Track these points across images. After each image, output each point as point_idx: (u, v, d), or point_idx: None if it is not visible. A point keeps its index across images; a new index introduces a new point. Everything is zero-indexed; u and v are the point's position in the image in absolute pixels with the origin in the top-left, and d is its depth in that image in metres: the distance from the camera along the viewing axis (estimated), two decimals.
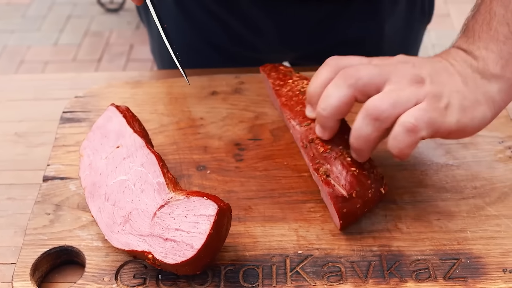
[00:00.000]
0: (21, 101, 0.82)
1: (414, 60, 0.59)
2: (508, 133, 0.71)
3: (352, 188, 0.57)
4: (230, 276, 0.57)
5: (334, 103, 0.57)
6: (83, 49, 2.58)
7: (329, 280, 0.56)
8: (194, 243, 0.51)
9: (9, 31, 2.68)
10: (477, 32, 0.60)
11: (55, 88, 0.84)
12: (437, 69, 0.58)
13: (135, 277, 0.57)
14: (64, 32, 2.68)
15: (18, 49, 2.57)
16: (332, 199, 0.57)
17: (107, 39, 2.63)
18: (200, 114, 0.74)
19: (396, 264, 0.57)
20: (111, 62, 2.50)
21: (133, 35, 2.66)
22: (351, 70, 0.57)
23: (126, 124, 0.62)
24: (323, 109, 0.57)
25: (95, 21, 2.75)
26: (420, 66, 0.58)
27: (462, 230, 0.60)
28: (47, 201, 0.65)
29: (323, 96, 0.57)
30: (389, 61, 0.59)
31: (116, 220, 0.57)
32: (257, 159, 0.68)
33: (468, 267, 0.57)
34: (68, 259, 0.61)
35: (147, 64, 2.49)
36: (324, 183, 0.58)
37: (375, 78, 0.56)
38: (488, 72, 0.58)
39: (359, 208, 0.58)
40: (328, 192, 0.57)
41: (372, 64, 0.59)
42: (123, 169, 0.59)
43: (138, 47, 2.58)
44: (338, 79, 0.57)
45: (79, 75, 0.87)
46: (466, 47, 0.60)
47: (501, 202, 0.63)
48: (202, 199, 0.52)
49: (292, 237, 0.60)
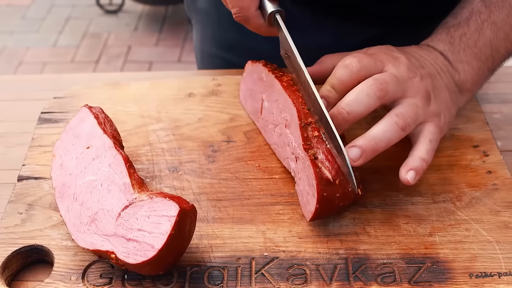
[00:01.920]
0: (2, 101, 0.83)
1: (418, 69, 0.63)
2: (483, 136, 0.71)
3: (337, 174, 0.58)
4: (195, 277, 0.57)
5: (361, 110, 0.59)
6: (81, 50, 2.59)
7: (293, 282, 0.56)
8: (155, 244, 0.51)
9: (8, 32, 2.70)
10: (463, 45, 0.65)
11: (37, 89, 0.84)
12: (435, 83, 0.64)
13: (101, 276, 0.57)
14: (63, 33, 2.69)
15: (17, 51, 2.59)
16: (316, 179, 0.57)
17: (105, 41, 2.64)
18: (176, 116, 0.75)
19: (362, 268, 0.57)
20: (109, 64, 2.51)
21: (131, 36, 2.67)
22: (382, 82, 0.59)
23: (97, 125, 0.63)
24: (348, 112, 0.58)
25: (93, 22, 2.76)
26: (425, 79, 0.63)
27: (431, 234, 0.60)
28: (20, 200, 0.65)
29: (352, 99, 0.59)
30: (400, 66, 0.62)
31: (83, 220, 0.57)
32: (229, 161, 0.69)
33: (434, 272, 0.57)
34: (39, 258, 0.61)
35: (144, 65, 2.50)
36: (311, 163, 0.58)
37: (398, 93, 0.61)
38: (464, 87, 0.66)
39: (337, 198, 0.58)
40: (314, 172, 0.57)
41: (394, 73, 0.61)
42: (91, 169, 0.60)
43: (135, 48, 2.60)
44: (370, 88, 0.59)
45: (60, 76, 0.88)
46: (450, 56, 0.66)
47: (472, 206, 0.63)
48: (165, 200, 0.52)
49: (259, 239, 0.60)
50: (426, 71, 0.64)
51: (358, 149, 0.57)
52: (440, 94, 0.64)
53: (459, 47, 0.66)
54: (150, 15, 2.81)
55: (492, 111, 0.79)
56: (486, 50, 0.66)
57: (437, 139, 0.63)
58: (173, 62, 2.52)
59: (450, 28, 0.67)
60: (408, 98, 0.61)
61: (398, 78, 0.61)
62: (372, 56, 0.63)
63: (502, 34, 0.66)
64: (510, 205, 0.63)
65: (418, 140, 0.63)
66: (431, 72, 0.65)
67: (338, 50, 0.73)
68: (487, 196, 0.64)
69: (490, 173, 0.67)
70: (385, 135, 0.58)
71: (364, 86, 0.59)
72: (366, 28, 0.84)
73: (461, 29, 0.66)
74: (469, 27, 0.66)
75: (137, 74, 0.91)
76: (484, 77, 0.68)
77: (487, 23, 0.65)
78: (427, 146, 0.62)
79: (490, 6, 0.66)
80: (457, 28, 0.66)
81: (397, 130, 0.59)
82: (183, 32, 2.69)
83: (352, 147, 0.57)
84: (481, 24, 0.65)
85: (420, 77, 0.63)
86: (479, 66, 0.66)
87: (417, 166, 0.60)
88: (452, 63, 0.66)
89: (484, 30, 0.65)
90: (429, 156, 0.62)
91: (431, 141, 0.62)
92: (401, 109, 0.60)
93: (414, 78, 0.62)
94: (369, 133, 0.59)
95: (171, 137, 0.72)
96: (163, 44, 2.63)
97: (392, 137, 0.58)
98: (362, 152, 0.57)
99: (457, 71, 0.66)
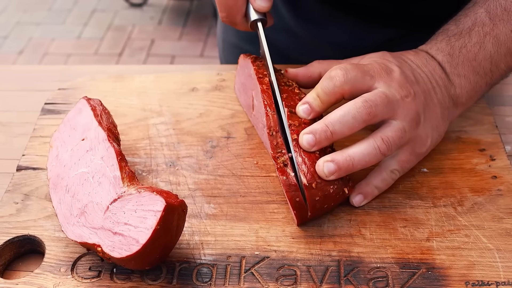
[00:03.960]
0: (9, 91, 0.83)
1: (412, 86, 0.61)
2: (491, 140, 0.69)
3: (313, 178, 0.57)
4: (183, 274, 0.56)
5: (345, 132, 0.58)
6: (105, 43, 2.61)
7: (282, 283, 0.55)
8: (140, 238, 0.50)
9: (35, 24, 2.73)
10: (462, 58, 0.63)
11: (44, 80, 0.85)
12: (427, 102, 0.62)
13: (90, 269, 0.57)
14: (88, 25, 2.72)
15: (42, 41, 2.62)
16: (284, 187, 0.57)
17: (129, 34, 2.66)
18: (177, 110, 0.74)
19: (354, 271, 0.56)
20: (132, 57, 2.52)
21: (155, 30, 2.69)
22: (371, 105, 0.58)
23: (93, 117, 0.62)
24: (332, 132, 0.57)
25: (118, 15, 2.78)
26: (417, 98, 0.61)
27: (428, 239, 0.59)
28: (17, 190, 0.65)
29: (336, 120, 0.57)
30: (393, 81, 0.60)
31: (73, 212, 0.57)
32: (228, 157, 0.68)
33: (428, 278, 0.55)
34: (32, 248, 0.61)
35: (166, 59, 2.50)
36: (279, 170, 0.57)
37: (387, 115, 0.59)
38: (458, 101, 0.64)
39: (318, 201, 0.57)
40: (282, 180, 0.57)
41: (385, 92, 0.59)
42: (85, 161, 0.59)
43: (159, 42, 2.61)
44: (357, 111, 0.57)
45: (68, 67, 0.88)
46: (448, 69, 0.64)
47: (473, 212, 0.61)
48: (152, 194, 0.52)
49: (251, 238, 0.59)
50: (420, 87, 0.61)
51: (334, 166, 0.56)
52: (431, 113, 0.62)
53: (458, 59, 0.63)
54: (174, 9, 2.82)
55: (504, 113, 0.77)
56: (485, 65, 0.63)
57: (403, 169, 0.62)
58: (196, 56, 2.53)
59: (451, 37, 0.64)
60: (397, 121, 0.59)
61: (389, 99, 0.59)
62: (362, 68, 0.60)
63: (504, 49, 0.63)
64: None
65: (381, 165, 0.62)
66: (425, 88, 0.62)
67: (356, 48, 0.72)
68: (490, 201, 0.62)
69: (496, 178, 0.65)
70: (363, 158, 0.57)
71: (352, 107, 0.57)
72: (383, 29, 0.83)
73: (462, 39, 0.64)
74: (470, 38, 0.63)
75: (146, 67, 0.90)
76: (480, 91, 0.65)
77: (489, 37, 0.63)
78: (386, 176, 0.61)
79: (494, 19, 0.63)
80: (458, 38, 0.64)
81: (377, 154, 0.58)
82: (207, 27, 2.69)
83: (329, 162, 0.56)
84: (483, 37, 0.63)
85: (413, 96, 0.60)
86: (477, 80, 0.64)
87: (367, 192, 0.61)
88: (450, 75, 0.64)
89: (485, 43, 0.63)
90: (384, 185, 0.62)
91: (393, 172, 0.61)
92: (388, 132, 0.58)
93: (406, 98, 0.60)
94: (349, 151, 0.58)
95: (171, 132, 0.71)
96: (186, 39, 2.63)
97: (370, 161, 0.58)
98: (337, 169, 0.57)
99: (453, 85, 0.64)
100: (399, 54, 0.65)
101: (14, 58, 2.51)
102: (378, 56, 0.64)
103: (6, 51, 2.56)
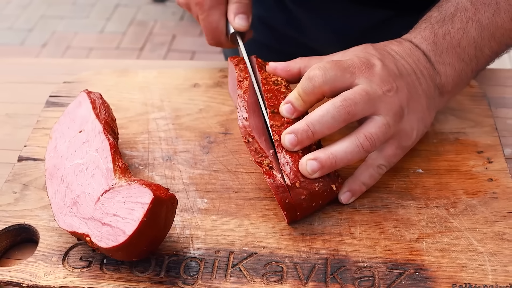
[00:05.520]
0: (17, 83, 0.85)
1: (395, 80, 0.60)
2: (490, 142, 0.68)
3: (296, 177, 0.57)
4: (171, 267, 0.57)
5: (325, 132, 0.58)
6: (127, 37, 2.64)
7: (268, 279, 0.55)
8: (127, 229, 0.51)
9: (59, 17, 2.78)
10: (446, 45, 0.63)
11: (52, 73, 0.86)
12: (411, 94, 0.61)
13: (81, 259, 0.58)
14: (111, 20, 2.75)
15: (65, 35, 2.66)
16: (273, 189, 0.57)
17: (151, 29, 2.68)
18: (178, 105, 0.75)
19: (341, 269, 0.56)
20: (153, 52, 2.55)
21: (177, 25, 2.70)
22: (350, 104, 0.57)
23: (91, 110, 0.64)
24: (313, 132, 0.58)
25: (141, 10, 2.81)
26: (400, 91, 0.60)
27: (418, 240, 0.58)
28: (16, 180, 0.67)
29: (316, 120, 0.58)
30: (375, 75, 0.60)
31: (66, 202, 0.58)
32: (224, 153, 0.68)
33: (415, 279, 0.55)
34: (28, 237, 0.63)
35: (187, 54, 2.52)
36: (266, 173, 0.57)
37: (368, 111, 0.59)
38: (444, 89, 0.64)
39: (304, 200, 0.57)
40: (269, 183, 0.57)
41: (366, 89, 0.58)
42: (80, 153, 0.61)
43: (180, 37, 2.62)
44: (336, 111, 0.57)
45: (76, 61, 0.90)
46: (433, 58, 0.63)
47: (466, 214, 0.61)
48: (141, 186, 0.53)
49: (241, 233, 0.60)
50: (403, 80, 0.61)
51: (317, 164, 0.57)
52: (415, 105, 0.61)
53: (442, 47, 0.63)
54: None
55: (507, 116, 0.76)
56: (470, 50, 0.63)
57: (390, 164, 0.62)
58: (216, 52, 2.52)
59: (434, 24, 0.64)
60: (380, 116, 0.59)
61: (370, 95, 0.58)
62: (341, 66, 0.59)
63: (487, 33, 0.63)
64: (508, 216, 0.60)
65: (368, 161, 0.62)
66: (409, 80, 0.61)
67: (347, 31, 0.72)
68: (484, 204, 0.61)
69: (492, 180, 0.64)
70: (346, 156, 0.58)
71: (331, 107, 0.57)
72: (374, 10, 0.83)
73: (445, 26, 0.63)
74: (453, 24, 0.63)
75: (150, 62, 0.92)
76: (466, 78, 0.65)
77: (472, 22, 0.62)
78: (373, 172, 0.61)
79: (476, 3, 0.63)
80: (441, 25, 0.63)
81: (360, 151, 0.58)
82: None
83: (312, 160, 0.57)
84: (466, 22, 0.63)
85: (396, 90, 0.60)
86: (462, 67, 0.63)
87: (355, 189, 0.62)
88: (434, 64, 0.63)
89: (468, 29, 0.62)
90: (371, 181, 0.62)
91: (379, 167, 0.61)
92: (371, 128, 0.58)
93: (389, 92, 0.59)
94: (331, 149, 0.58)
95: (170, 126, 0.72)
96: None
97: (353, 158, 0.58)
98: (320, 167, 0.57)
99: (438, 74, 0.63)
100: (382, 45, 0.64)
101: (37, 51, 2.56)
102: (360, 50, 0.63)
103: (30, 44, 2.61)
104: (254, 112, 0.62)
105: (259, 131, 0.61)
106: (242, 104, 0.62)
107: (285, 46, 0.92)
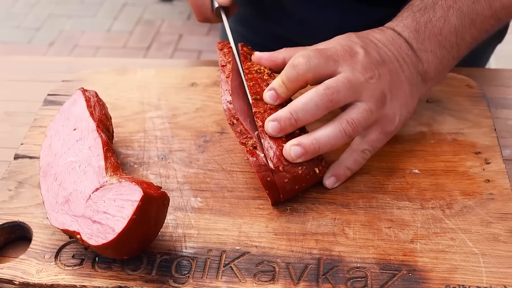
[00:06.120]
0: (17, 81, 0.85)
1: (377, 67, 0.61)
2: (488, 143, 0.68)
3: (279, 161, 0.58)
4: (163, 265, 0.57)
5: (308, 119, 0.59)
6: (134, 36, 2.64)
7: (260, 279, 0.55)
8: (116, 227, 0.51)
9: (67, 16, 2.79)
10: (428, 33, 0.64)
11: (51, 71, 0.87)
12: (394, 81, 0.62)
13: (73, 257, 0.58)
14: (118, 19, 2.76)
15: (73, 34, 2.67)
16: (255, 167, 0.58)
17: (158, 28, 2.69)
18: (175, 104, 0.75)
19: (333, 270, 0.56)
20: (160, 51, 2.55)
21: (184, 25, 2.71)
22: (333, 91, 0.58)
23: (85, 108, 0.64)
24: (296, 119, 0.59)
25: (148, 9, 2.81)
26: (383, 78, 0.61)
27: (412, 241, 0.58)
28: (12, 177, 0.67)
29: (300, 107, 0.59)
30: (357, 63, 0.60)
31: (58, 199, 0.58)
32: (219, 152, 0.68)
33: (408, 280, 0.54)
34: (23, 235, 0.63)
35: (193, 54, 2.52)
36: (249, 153, 0.58)
37: (351, 98, 0.59)
38: (427, 76, 0.64)
39: (287, 183, 0.58)
40: (252, 162, 0.58)
41: (348, 77, 0.59)
42: (74, 151, 0.61)
43: (187, 37, 2.63)
44: (319, 98, 0.58)
45: (76, 59, 0.90)
46: (415, 45, 0.64)
47: (462, 215, 0.60)
48: (131, 184, 0.52)
49: (234, 233, 0.59)
50: (386, 67, 0.62)
51: (301, 149, 0.58)
52: (398, 91, 0.62)
53: (424, 34, 0.64)
54: None
55: (507, 117, 0.75)
56: (451, 38, 0.64)
57: (374, 149, 0.63)
58: None
59: (416, 12, 0.65)
60: (362, 103, 0.59)
61: (352, 83, 0.59)
62: (324, 54, 0.60)
63: (467, 21, 0.64)
64: (504, 217, 0.60)
65: (352, 146, 0.62)
66: (392, 67, 0.62)
67: (346, 28, 0.72)
68: (480, 205, 0.61)
69: (488, 181, 0.63)
70: (329, 141, 0.58)
71: (314, 95, 0.58)
72: (374, 8, 0.83)
73: (427, 14, 0.64)
74: (435, 12, 0.64)
75: (150, 61, 0.91)
76: (448, 65, 0.66)
77: (452, 10, 0.64)
78: (357, 157, 0.62)
79: None
80: (423, 13, 0.64)
81: (343, 137, 0.59)
82: None
83: (296, 146, 0.58)
84: (447, 10, 0.64)
85: (378, 76, 0.60)
86: (443, 54, 0.64)
87: (340, 174, 0.62)
88: (417, 51, 0.64)
89: (449, 16, 0.64)
90: (356, 166, 0.63)
91: (364, 152, 0.62)
92: (353, 114, 0.59)
93: (371, 79, 0.60)
94: (315, 134, 0.59)
95: (166, 125, 0.72)
96: (214, 34, 2.64)
97: (336, 143, 0.59)
98: (304, 152, 0.58)
99: (420, 61, 0.64)
100: (365, 34, 0.65)
101: (45, 50, 2.57)
102: (343, 38, 0.64)
103: (37, 42, 2.62)
104: (238, 95, 0.63)
105: (244, 113, 0.61)
106: (226, 87, 0.62)
107: (281, 47, 0.92)
